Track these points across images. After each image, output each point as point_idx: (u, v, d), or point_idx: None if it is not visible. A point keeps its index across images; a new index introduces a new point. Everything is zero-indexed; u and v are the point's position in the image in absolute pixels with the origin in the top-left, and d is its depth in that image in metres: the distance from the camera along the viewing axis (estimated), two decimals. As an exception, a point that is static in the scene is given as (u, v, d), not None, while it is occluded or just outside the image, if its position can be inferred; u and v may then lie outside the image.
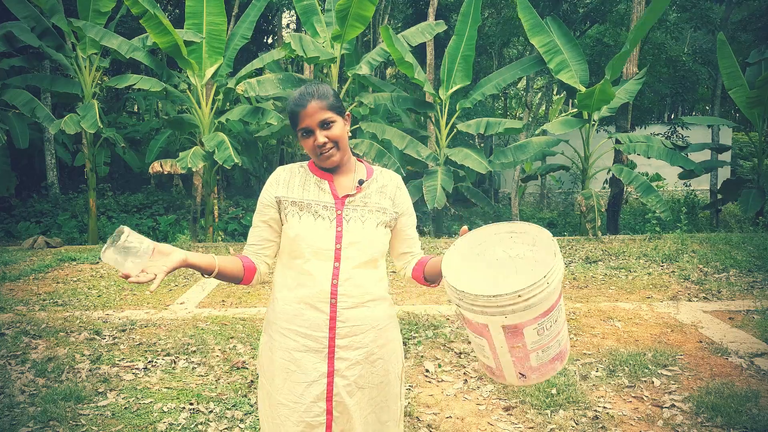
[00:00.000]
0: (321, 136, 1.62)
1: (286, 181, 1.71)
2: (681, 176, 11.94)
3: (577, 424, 3.03)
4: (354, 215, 1.67)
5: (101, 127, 8.95)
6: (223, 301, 5.61)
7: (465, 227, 1.57)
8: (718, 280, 5.97)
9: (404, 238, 1.79)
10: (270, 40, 19.12)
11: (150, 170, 9.47)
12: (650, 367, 3.70)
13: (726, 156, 13.82)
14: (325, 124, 1.63)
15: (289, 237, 1.67)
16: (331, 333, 1.64)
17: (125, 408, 3.28)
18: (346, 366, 1.65)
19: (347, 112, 1.71)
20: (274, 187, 1.71)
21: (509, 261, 1.55)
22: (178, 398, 3.40)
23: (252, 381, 3.63)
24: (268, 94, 9.55)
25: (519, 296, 1.33)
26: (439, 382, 3.63)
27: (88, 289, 6.08)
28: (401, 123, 13.06)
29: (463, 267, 1.53)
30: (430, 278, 1.75)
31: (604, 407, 3.21)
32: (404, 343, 4.17)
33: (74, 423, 3.10)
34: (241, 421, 3.11)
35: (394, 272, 5.77)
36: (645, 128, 15.04)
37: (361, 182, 1.70)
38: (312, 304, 1.64)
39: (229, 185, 16.20)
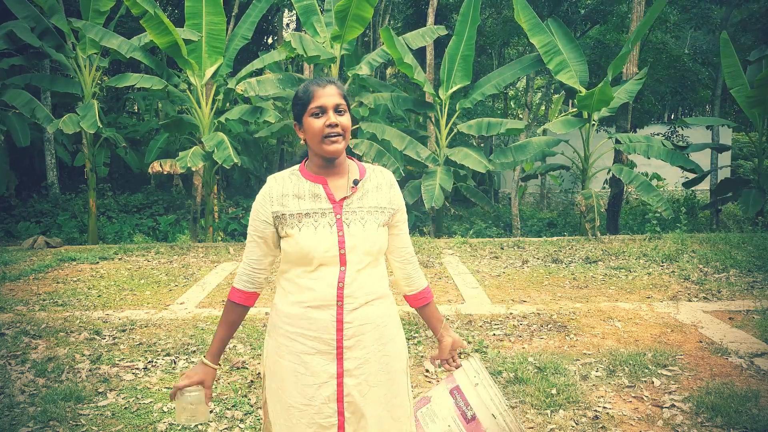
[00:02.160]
0: (334, 117, 1.63)
1: (280, 194, 1.69)
2: (686, 185, 11.97)
3: (577, 424, 3.03)
4: (353, 218, 1.67)
5: (101, 127, 8.96)
6: (223, 301, 5.61)
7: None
8: (718, 280, 5.97)
9: (396, 234, 1.80)
10: (270, 40, 19.13)
11: (149, 170, 9.48)
12: (650, 367, 3.70)
13: (726, 156, 13.83)
14: (339, 110, 1.65)
15: (292, 248, 1.66)
16: (338, 335, 1.64)
17: (125, 408, 3.28)
18: (354, 365, 1.65)
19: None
20: (269, 202, 1.69)
21: None
22: (178, 398, 3.40)
23: (252, 381, 3.63)
24: (267, 94, 9.55)
25: None
26: (439, 381, 3.63)
27: (88, 289, 6.08)
28: (402, 123, 13.06)
29: None
30: (422, 314, 1.91)
31: (604, 407, 3.21)
32: (404, 343, 4.17)
33: (74, 423, 3.10)
34: (241, 421, 3.11)
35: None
36: (645, 128, 15.05)
37: (356, 182, 1.70)
38: (318, 307, 1.64)
39: (229, 185, 16.20)
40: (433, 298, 1.89)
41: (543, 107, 18.30)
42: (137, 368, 3.84)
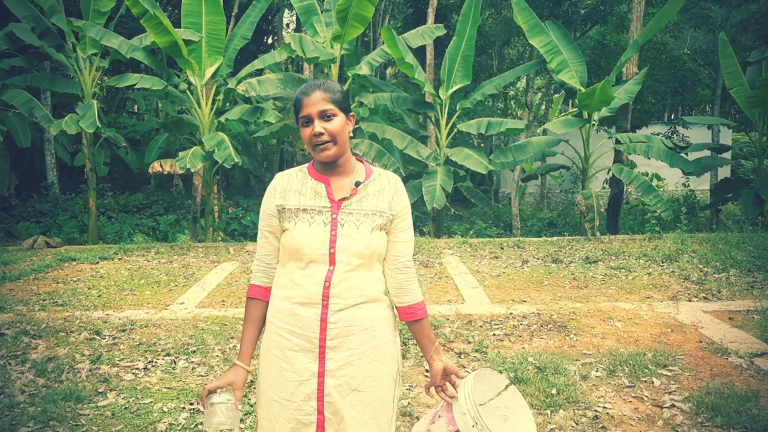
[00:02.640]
0: (318, 126, 1.63)
1: (284, 189, 1.72)
2: (686, 173, 11.96)
3: (577, 424, 3.03)
4: (349, 219, 1.67)
5: (100, 127, 8.95)
6: (223, 301, 5.61)
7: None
8: (718, 280, 5.97)
9: (393, 241, 1.76)
10: (270, 40, 19.14)
11: (149, 170, 9.48)
12: (650, 367, 3.70)
13: (726, 156, 13.81)
14: (326, 116, 1.64)
15: (285, 242, 1.69)
16: (321, 334, 1.64)
17: (125, 408, 3.28)
18: (337, 366, 1.65)
19: (351, 113, 1.72)
20: (273, 195, 1.73)
21: None
22: (178, 398, 3.40)
23: (252, 381, 3.63)
24: (268, 94, 9.55)
25: None
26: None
27: (88, 289, 6.08)
28: (402, 123, 13.07)
29: None
30: (412, 329, 1.83)
31: (604, 407, 3.21)
32: (404, 343, 4.18)
33: (74, 423, 3.10)
34: (241, 421, 3.12)
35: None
36: (646, 128, 15.05)
37: (357, 184, 1.70)
38: (303, 304, 1.65)
39: (229, 185, 16.20)
40: (427, 315, 1.80)
41: (543, 107, 18.31)
42: (137, 368, 3.84)
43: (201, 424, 3.08)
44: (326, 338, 1.64)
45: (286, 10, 16.51)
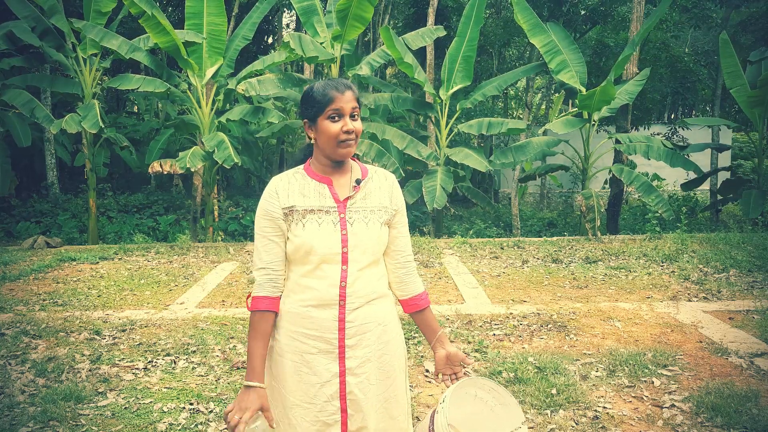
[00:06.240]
0: (350, 123, 1.65)
1: (285, 191, 1.70)
2: (685, 187, 11.96)
3: (577, 424, 3.03)
4: (357, 217, 1.69)
5: (102, 127, 8.95)
6: (223, 301, 5.61)
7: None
8: (718, 280, 5.96)
9: (396, 236, 1.79)
10: (270, 40, 19.13)
11: (149, 170, 9.48)
12: (650, 367, 3.70)
13: (726, 156, 13.82)
14: (353, 115, 1.67)
15: (294, 245, 1.67)
16: (340, 334, 1.66)
17: (125, 408, 3.28)
18: (356, 364, 1.68)
19: None
20: (276, 198, 1.69)
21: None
22: (178, 398, 3.40)
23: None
24: (268, 94, 9.55)
25: None
26: (439, 382, 3.62)
27: (88, 289, 6.08)
28: (402, 122, 13.07)
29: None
30: (416, 320, 1.86)
31: (604, 407, 3.21)
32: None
33: (74, 423, 3.10)
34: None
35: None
36: (646, 128, 15.05)
37: (358, 182, 1.72)
38: (318, 306, 1.66)
39: (229, 185, 16.20)
40: (429, 305, 1.85)
41: (543, 107, 18.30)
42: (137, 368, 3.84)
43: (201, 424, 3.08)
44: (345, 338, 1.66)
45: (286, 10, 16.51)
